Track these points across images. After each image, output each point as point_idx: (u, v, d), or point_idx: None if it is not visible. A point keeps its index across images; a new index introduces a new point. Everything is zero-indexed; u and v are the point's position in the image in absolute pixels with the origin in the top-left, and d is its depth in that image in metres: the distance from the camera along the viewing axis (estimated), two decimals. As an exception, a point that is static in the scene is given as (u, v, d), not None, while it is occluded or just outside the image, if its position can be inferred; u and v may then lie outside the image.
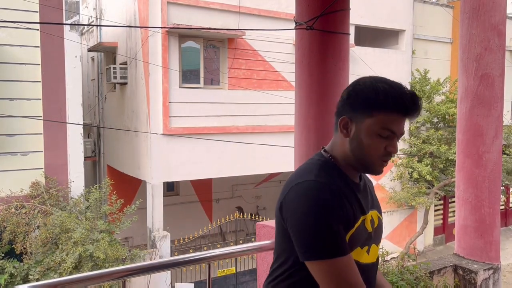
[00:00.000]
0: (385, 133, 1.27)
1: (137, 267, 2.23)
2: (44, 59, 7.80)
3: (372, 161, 1.31)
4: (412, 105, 1.28)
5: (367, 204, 1.40)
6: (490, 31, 3.58)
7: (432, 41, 13.54)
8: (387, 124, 1.27)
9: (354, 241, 1.31)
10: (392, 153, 1.29)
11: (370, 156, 1.30)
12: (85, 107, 10.98)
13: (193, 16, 9.36)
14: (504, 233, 13.89)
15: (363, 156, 1.31)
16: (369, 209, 1.40)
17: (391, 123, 1.27)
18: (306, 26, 2.94)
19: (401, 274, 2.78)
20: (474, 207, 3.69)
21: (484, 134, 3.63)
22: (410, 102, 1.27)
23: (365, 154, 1.30)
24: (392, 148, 1.29)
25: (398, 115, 1.27)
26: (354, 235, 1.30)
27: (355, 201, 1.32)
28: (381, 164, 1.31)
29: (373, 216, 1.41)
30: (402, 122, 1.29)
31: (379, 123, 1.27)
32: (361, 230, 1.33)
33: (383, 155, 1.29)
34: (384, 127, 1.27)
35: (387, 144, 1.28)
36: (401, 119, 1.29)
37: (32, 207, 7.40)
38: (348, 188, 1.32)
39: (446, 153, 11.60)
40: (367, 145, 1.29)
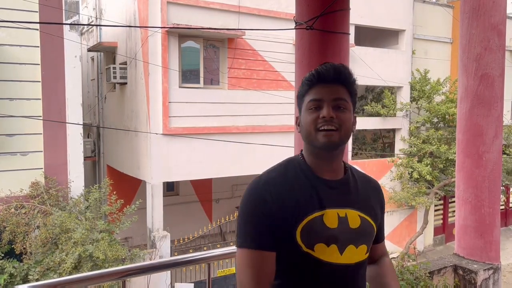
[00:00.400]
0: (312, 104, 1.33)
1: (137, 267, 2.22)
2: (44, 59, 7.80)
3: (311, 134, 1.32)
4: (322, 68, 1.33)
5: (336, 201, 1.35)
6: (490, 31, 3.58)
7: (432, 41, 13.55)
8: (311, 97, 1.34)
9: (309, 236, 1.30)
10: (325, 117, 1.29)
11: (309, 131, 1.32)
12: (85, 107, 10.97)
13: (193, 16, 9.36)
14: (504, 233, 13.89)
15: (306, 134, 1.34)
16: (340, 207, 1.34)
17: (314, 94, 1.33)
18: (306, 26, 2.94)
19: (401, 274, 2.77)
20: (474, 207, 3.69)
21: (484, 134, 3.63)
22: (320, 68, 1.34)
23: (305, 130, 1.34)
24: (323, 113, 1.30)
25: (317, 85, 1.34)
26: (306, 228, 1.30)
27: (311, 196, 1.32)
28: (319, 133, 1.30)
29: (348, 214, 1.35)
30: (326, 89, 1.32)
31: (306, 101, 1.35)
32: (317, 225, 1.30)
33: (318, 123, 1.30)
34: (310, 101, 1.34)
35: (320, 113, 1.31)
36: (323, 86, 1.33)
37: (32, 207, 7.39)
38: (305, 183, 1.34)
39: (446, 153, 11.60)
40: (304, 123, 1.34)
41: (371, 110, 12.33)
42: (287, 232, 1.31)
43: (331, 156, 1.35)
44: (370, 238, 1.41)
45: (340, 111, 1.31)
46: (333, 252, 1.32)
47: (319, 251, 1.31)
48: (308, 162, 1.38)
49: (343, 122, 1.31)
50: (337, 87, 1.33)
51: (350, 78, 1.35)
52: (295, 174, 1.36)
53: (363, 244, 1.38)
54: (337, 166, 1.39)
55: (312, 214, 1.31)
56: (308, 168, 1.37)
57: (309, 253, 1.31)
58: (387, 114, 12.35)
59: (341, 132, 1.30)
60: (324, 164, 1.36)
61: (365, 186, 1.45)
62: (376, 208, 1.46)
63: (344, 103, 1.33)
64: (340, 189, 1.37)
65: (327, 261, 1.32)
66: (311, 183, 1.34)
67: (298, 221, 1.30)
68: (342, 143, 1.33)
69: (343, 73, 1.34)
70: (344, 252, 1.34)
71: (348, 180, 1.40)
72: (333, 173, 1.37)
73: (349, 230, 1.34)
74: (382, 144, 14.19)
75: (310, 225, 1.30)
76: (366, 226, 1.39)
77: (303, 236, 1.30)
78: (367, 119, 12.59)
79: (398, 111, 12.55)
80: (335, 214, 1.34)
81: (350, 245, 1.35)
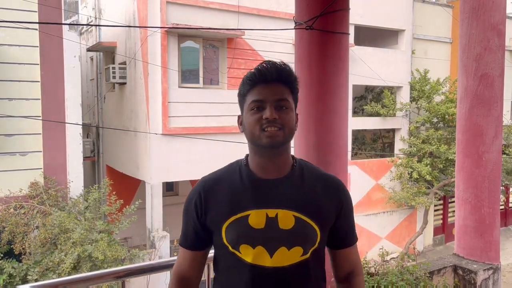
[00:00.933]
0: (255, 105, 1.31)
1: (137, 267, 2.22)
2: (43, 59, 7.79)
3: (255, 134, 1.30)
4: (264, 68, 1.32)
5: (269, 201, 1.32)
6: (489, 31, 3.58)
7: (432, 41, 13.54)
8: (253, 97, 1.32)
9: (233, 236, 1.31)
10: (268, 119, 1.27)
11: (253, 131, 1.31)
12: (84, 107, 10.95)
13: (192, 16, 9.35)
14: (504, 233, 13.88)
15: (250, 135, 1.33)
16: (272, 207, 1.31)
17: (256, 95, 1.32)
18: (306, 26, 2.93)
19: (401, 274, 2.77)
20: (474, 207, 3.69)
21: (484, 134, 3.62)
22: (261, 67, 1.33)
23: (249, 131, 1.33)
24: (266, 115, 1.28)
25: (258, 85, 1.32)
26: (230, 229, 1.31)
27: (242, 196, 1.33)
28: (263, 133, 1.29)
29: (279, 214, 1.31)
30: (268, 89, 1.31)
31: (248, 101, 1.34)
32: (241, 225, 1.30)
33: (262, 124, 1.29)
34: (252, 101, 1.32)
35: (263, 114, 1.29)
36: (264, 87, 1.32)
37: (31, 207, 7.38)
38: (240, 183, 1.35)
39: (445, 153, 11.60)
40: (248, 124, 1.33)
41: (371, 110, 12.32)
42: (216, 230, 1.35)
43: (275, 154, 1.34)
44: (308, 240, 1.33)
45: (282, 111, 1.30)
46: (261, 254, 1.30)
47: (245, 252, 1.30)
48: (251, 162, 1.38)
49: (286, 122, 1.30)
50: (279, 86, 1.32)
51: (291, 76, 1.35)
52: (233, 175, 1.38)
53: (297, 246, 1.31)
54: (281, 164, 1.36)
55: (237, 214, 1.32)
56: (247, 169, 1.37)
57: (236, 254, 1.32)
58: (387, 114, 12.34)
59: (285, 132, 1.30)
60: (268, 163, 1.35)
61: (314, 185, 1.39)
62: (327, 209, 1.38)
63: (286, 103, 1.32)
64: (278, 188, 1.34)
65: (254, 264, 1.30)
66: (246, 184, 1.35)
67: (223, 221, 1.33)
68: (286, 141, 1.33)
69: (284, 72, 1.33)
70: (275, 254, 1.30)
71: (291, 179, 1.36)
72: (277, 172, 1.35)
73: (279, 231, 1.30)
74: (382, 144, 14.18)
75: (233, 226, 1.31)
76: (302, 227, 1.32)
77: (228, 236, 1.32)
78: (367, 119, 12.58)
79: (398, 111, 12.54)
80: (264, 215, 1.31)
81: (281, 247, 1.30)
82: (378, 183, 12.55)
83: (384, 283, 2.63)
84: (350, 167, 11.52)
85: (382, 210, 12.61)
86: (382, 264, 2.91)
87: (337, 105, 2.94)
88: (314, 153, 2.89)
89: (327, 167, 2.89)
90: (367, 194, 12.37)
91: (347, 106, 3.08)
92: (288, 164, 1.37)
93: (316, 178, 1.41)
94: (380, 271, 2.85)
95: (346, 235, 1.45)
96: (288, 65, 1.36)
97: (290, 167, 1.37)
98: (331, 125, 2.93)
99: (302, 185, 1.36)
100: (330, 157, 2.91)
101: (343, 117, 3.03)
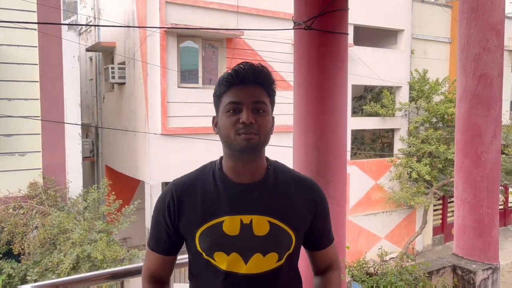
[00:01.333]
0: (231, 107, 1.27)
1: (137, 267, 2.22)
2: (42, 59, 7.78)
3: (230, 137, 1.27)
4: (241, 69, 1.29)
5: (243, 207, 1.29)
6: (488, 31, 3.58)
7: (431, 41, 13.54)
8: (229, 99, 1.28)
9: (207, 243, 1.28)
10: (244, 123, 1.24)
11: (228, 134, 1.27)
12: (83, 107, 10.94)
13: (191, 16, 9.35)
14: (503, 232, 13.89)
15: (225, 138, 1.29)
16: (246, 213, 1.28)
17: (233, 96, 1.28)
18: (305, 26, 2.93)
19: (400, 274, 2.77)
20: (473, 207, 3.69)
21: (483, 134, 3.62)
22: (239, 68, 1.30)
23: (224, 134, 1.29)
24: (242, 118, 1.25)
25: (235, 87, 1.29)
26: (203, 236, 1.28)
27: (215, 202, 1.30)
28: (239, 137, 1.25)
29: (254, 220, 1.28)
30: (244, 91, 1.28)
31: (224, 102, 1.29)
32: (215, 232, 1.27)
33: (238, 128, 1.25)
34: (228, 103, 1.28)
35: (240, 117, 1.26)
36: (241, 88, 1.28)
37: (30, 208, 7.38)
38: (213, 188, 1.32)
39: (445, 153, 11.60)
40: (223, 126, 1.29)
41: (370, 110, 12.32)
42: (189, 237, 1.32)
43: (250, 159, 1.30)
44: (283, 246, 1.31)
45: (259, 114, 1.27)
46: (236, 261, 1.27)
47: (219, 260, 1.28)
48: (225, 166, 1.34)
49: (262, 126, 1.27)
50: (256, 88, 1.29)
51: (269, 79, 1.32)
52: (206, 179, 1.35)
53: (272, 252, 1.29)
54: (256, 168, 1.33)
55: (210, 221, 1.28)
56: (221, 173, 1.34)
57: (210, 261, 1.29)
58: (386, 114, 12.34)
59: (260, 136, 1.26)
60: (242, 167, 1.31)
61: (288, 188, 1.36)
62: (302, 213, 1.35)
63: (264, 106, 1.28)
64: (253, 192, 1.31)
65: (229, 271, 1.27)
66: (220, 188, 1.32)
67: (197, 227, 1.29)
68: (261, 146, 1.29)
69: (262, 74, 1.30)
70: (250, 261, 1.28)
71: (265, 183, 1.33)
72: (251, 176, 1.32)
73: (254, 237, 1.28)
74: (381, 144, 14.19)
75: (207, 232, 1.28)
76: (277, 234, 1.30)
77: (201, 243, 1.29)
78: (366, 119, 12.59)
79: (397, 111, 12.55)
80: (238, 221, 1.28)
81: (256, 254, 1.28)
82: (378, 183, 12.55)
83: (383, 283, 2.64)
84: (349, 167, 11.52)
85: (382, 210, 12.62)
86: (381, 264, 2.92)
87: (336, 105, 2.94)
88: (313, 153, 2.89)
89: (326, 167, 2.89)
90: (366, 194, 12.38)
91: (346, 106, 3.08)
92: (263, 168, 1.35)
93: (290, 181, 1.38)
94: (379, 271, 2.85)
95: (322, 237, 1.44)
96: (266, 68, 1.33)
97: (264, 171, 1.34)
98: (330, 125, 2.93)
99: (277, 190, 1.34)
100: (329, 157, 2.91)
101: (342, 117, 3.03)
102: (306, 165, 2.91)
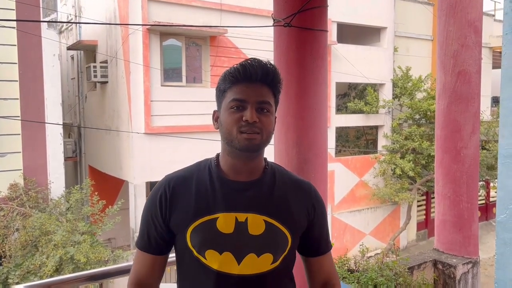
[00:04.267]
0: (235, 104, 1.24)
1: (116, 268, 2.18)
2: (21, 58, 7.63)
3: (232, 134, 1.23)
4: (249, 66, 1.25)
5: (239, 204, 1.26)
6: (466, 28, 3.62)
7: (414, 38, 13.69)
8: (234, 95, 1.24)
9: (198, 240, 1.24)
10: (248, 121, 1.21)
11: (230, 131, 1.23)
12: (65, 106, 10.77)
13: (174, 13, 9.27)
14: (485, 227, 14.13)
15: (226, 135, 1.25)
16: (241, 211, 1.25)
17: (238, 93, 1.24)
18: (284, 23, 2.92)
19: (380, 270, 2.79)
20: (453, 202, 3.74)
21: (462, 129, 3.67)
22: (247, 65, 1.25)
23: (225, 131, 1.25)
24: (246, 117, 1.21)
25: (241, 83, 1.25)
26: (195, 232, 1.24)
27: (210, 198, 1.26)
28: (240, 135, 1.22)
29: (249, 219, 1.25)
30: (250, 89, 1.24)
31: (228, 98, 1.26)
32: (208, 229, 1.24)
33: (241, 126, 1.22)
34: (232, 99, 1.24)
35: (243, 114, 1.22)
36: (247, 86, 1.24)
37: (11, 209, 7.23)
38: (208, 184, 1.29)
39: (428, 149, 11.75)
40: (225, 122, 1.25)
41: (354, 107, 12.41)
42: (180, 233, 1.27)
43: (249, 157, 1.27)
44: (279, 247, 1.27)
45: (263, 114, 1.24)
46: (228, 260, 1.23)
47: (211, 258, 1.23)
48: (223, 162, 1.31)
49: (265, 126, 1.24)
50: (262, 87, 1.26)
51: (277, 79, 1.28)
52: (201, 175, 1.32)
53: (267, 253, 1.25)
54: (254, 167, 1.30)
55: (204, 216, 1.24)
56: (217, 169, 1.31)
57: (200, 259, 1.24)
58: (370, 111, 12.44)
59: (263, 136, 1.23)
60: (240, 165, 1.28)
61: (285, 189, 1.33)
62: (298, 214, 1.32)
63: (268, 106, 1.26)
64: (249, 191, 1.28)
65: (221, 271, 1.23)
66: (216, 185, 1.28)
67: (189, 223, 1.25)
68: (263, 146, 1.26)
69: (270, 73, 1.27)
70: (243, 261, 1.23)
71: (262, 182, 1.30)
72: (248, 174, 1.29)
73: (248, 236, 1.24)
74: (365, 141, 14.30)
75: (199, 229, 1.24)
76: (273, 233, 1.26)
77: (193, 240, 1.24)
78: (350, 116, 12.67)
79: (381, 108, 12.66)
80: (233, 218, 1.24)
81: (250, 254, 1.24)
82: (362, 180, 12.65)
83: (364, 279, 2.65)
84: (334, 164, 11.62)
85: (366, 206, 12.72)
86: (362, 261, 2.93)
87: (316, 103, 2.94)
88: (293, 151, 2.89)
89: (306, 165, 2.89)
90: (351, 191, 12.46)
91: (326, 103, 3.08)
92: (261, 167, 1.32)
93: (288, 182, 1.35)
94: (361, 268, 2.87)
95: (320, 242, 1.39)
96: (274, 66, 1.28)
97: (262, 170, 1.32)
98: (310, 122, 2.92)
99: (274, 189, 1.31)
100: (309, 155, 2.91)
101: (323, 115, 3.03)
102: (287, 163, 2.91)
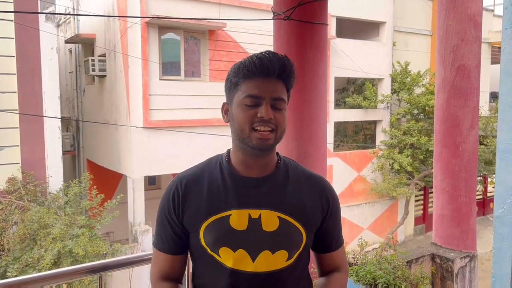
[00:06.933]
0: (249, 101, 1.19)
1: (115, 261, 2.18)
2: (19, 51, 7.59)
3: (245, 132, 1.19)
4: (265, 58, 1.19)
5: (252, 200, 1.23)
6: (466, 22, 3.62)
7: (413, 33, 13.67)
8: (248, 91, 1.19)
9: (212, 237, 1.22)
10: (263, 118, 1.17)
11: (243, 128, 1.19)
12: (63, 100, 10.74)
13: (172, 7, 9.22)
14: (483, 222, 14.19)
15: (238, 131, 1.21)
16: (255, 207, 1.22)
17: (253, 89, 1.19)
18: (284, 16, 2.91)
19: (379, 263, 2.80)
20: (451, 196, 3.75)
21: (461, 124, 3.67)
22: (264, 58, 1.20)
23: (238, 127, 1.21)
24: (261, 113, 1.17)
25: (256, 78, 1.19)
26: (209, 229, 1.22)
27: (222, 194, 1.24)
28: (254, 133, 1.18)
29: (263, 215, 1.22)
30: (266, 85, 1.19)
31: (242, 93, 1.21)
32: (221, 226, 1.21)
33: (254, 122, 1.18)
34: (247, 95, 1.19)
35: (258, 111, 1.18)
36: (263, 81, 1.19)
37: (9, 203, 7.23)
38: (221, 181, 1.26)
39: (426, 144, 11.78)
40: (238, 118, 1.20)
41: (353, 102, 12.41)
42: (194, 231, 1.25)
43: (262, 154, 1.24)
44: (294, 243, 1.25)
45: (278, 111, 1.20)
46: (242, 258, 1.20)
47: (225, 256, 1.21)
48: (234, 158, 1.28)
49: (280, 123, 1.20)
50: (278, 84, 1.21)
51: (293, 75, 1.24)
52: (213, 171, 1.28)
53: (281, 250, 1.22)
54: (266, 163, 1.27)
55: (217, 214, 1.22)
56: (229, 166, 1.28)
57: (214, 257, 1.23)
58: (369, 106, 12.44)
59: (276, 133, 1.19)
60: (252, 161, 1.25)
61: (299, 184, 1.30)
62: (313, 210, 1.28)
63: (283, 103, 1.22)
64: (262, 187, 1.25)
65: (235, 269, 1.20)
66: (228, 181, 1.25)
67: (202, 221, 1.23)
68: (276, 143, 1.23)
69: (287, 68, 1.21)
70: (257, 258, 1.21)
71: (275, 177, 1.27)
72: (261, 170, 1.26)
73: (262, 233, 1.21)
74: (364, 136, 14.31)
75: (213, 226, 1.22)
76: (287, 230, 1.23)
77: (206, 237, 1.22)
78: (349, 111, 12.67)
79: (379, 103, 12.66)
80: (246, 215, 1.21)
81: (265, 251, 1.21)
82: (360, 175, 12.67)
83: (363, 272, 2.66)
84: (332, 159, 11.64)
85: (364, 201, 12.76)
86: (361, 254, 2.94)
87: (315, 96, 2.94)
88: (292, 144, 2.89)
89: (305, 158, 2.89)
90: (349, 186, 12.49)
91: (325, 97, 3.08)
92: (273, 162, 1.28)
93: (301, 177, 1.31)
94: (359, 261, 2.88)
95: (332, 238, 1.36)
96: (291, 62, 1.23)
97: (274, 165, 1.28)
98: (309, 116, 2.92)
99: (287, 185, 1.27)
100: (309, 148, 2.91)
101: (322, 108, 3.03)
102: (286, 156, 2.91)
